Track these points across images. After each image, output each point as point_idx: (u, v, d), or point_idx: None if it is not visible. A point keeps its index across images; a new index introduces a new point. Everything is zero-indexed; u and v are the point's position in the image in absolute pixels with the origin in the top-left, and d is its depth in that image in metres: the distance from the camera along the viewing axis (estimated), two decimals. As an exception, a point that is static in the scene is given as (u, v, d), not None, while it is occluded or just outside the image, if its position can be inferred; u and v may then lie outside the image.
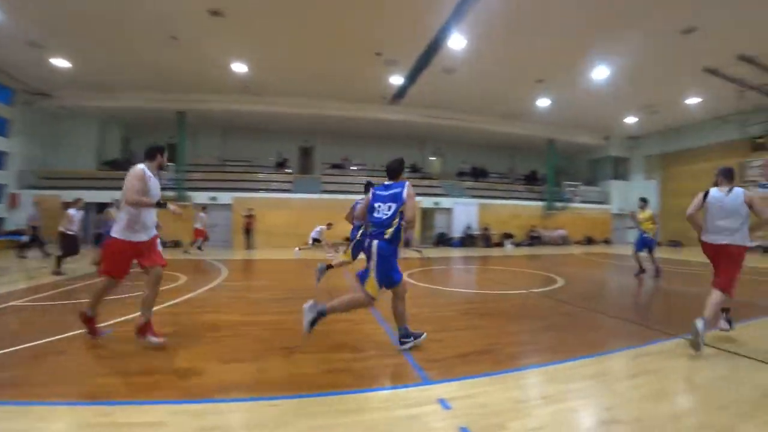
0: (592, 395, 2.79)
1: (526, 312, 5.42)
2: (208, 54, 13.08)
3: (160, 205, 3.65)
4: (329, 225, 12.99)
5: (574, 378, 3.02)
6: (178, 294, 6.12)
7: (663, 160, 22.64)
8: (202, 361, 3.28)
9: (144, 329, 3.54)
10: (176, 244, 15.56)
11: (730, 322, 3.93)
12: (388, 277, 3.48)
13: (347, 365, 3.26)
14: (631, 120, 20.04)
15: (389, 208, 3.49)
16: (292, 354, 3.49)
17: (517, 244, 20.05)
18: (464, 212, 20.10)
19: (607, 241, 22.62)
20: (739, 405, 2.55)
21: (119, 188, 3.76)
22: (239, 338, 3.98)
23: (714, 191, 3.87)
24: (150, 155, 3.80)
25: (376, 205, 3.59)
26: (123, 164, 17.37)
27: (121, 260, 3.65)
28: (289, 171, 20.98)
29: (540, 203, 22.19)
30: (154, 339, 3.52)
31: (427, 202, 19.64)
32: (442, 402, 2.56)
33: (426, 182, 21.33)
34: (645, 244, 8.68)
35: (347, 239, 7.18)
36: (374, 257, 3.45)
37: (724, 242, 3.73)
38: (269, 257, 12.95)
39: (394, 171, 3.72)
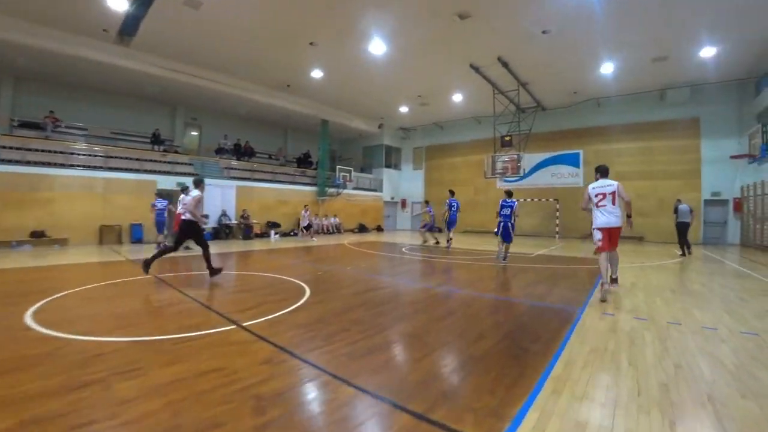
0: None
1: (187, 408, 2.15)
2: None
3: None
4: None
5: None
6: None
7: (428, 152, 23.98)
8: None
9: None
10: None
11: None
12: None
13: None
14: (403, 109, 19.93)
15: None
16: None
17: (285, 234, 17.13)
18: (219, 196, 15.71)
19: (379, 228, 22.43)
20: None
21: None
22: None
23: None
24: None
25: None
26: None
27: None
28: None
29: (312, 188, 19.85)
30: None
31: (168, 182, 14.27)
32: None
33: (169, 157, 15.63)
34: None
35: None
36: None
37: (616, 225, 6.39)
38: None
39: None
